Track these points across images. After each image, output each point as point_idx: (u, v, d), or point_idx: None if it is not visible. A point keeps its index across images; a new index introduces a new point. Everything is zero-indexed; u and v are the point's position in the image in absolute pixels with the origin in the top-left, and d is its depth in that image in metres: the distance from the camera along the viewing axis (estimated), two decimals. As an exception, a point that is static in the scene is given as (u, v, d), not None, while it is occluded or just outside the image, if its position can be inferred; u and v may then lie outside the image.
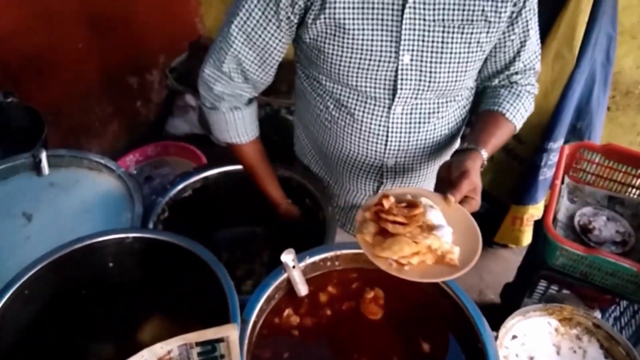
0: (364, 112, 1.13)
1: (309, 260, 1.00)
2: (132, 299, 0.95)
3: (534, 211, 2.17)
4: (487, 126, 1.12)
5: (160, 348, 0.62)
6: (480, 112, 1.19)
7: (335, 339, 0.92)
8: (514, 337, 0.93)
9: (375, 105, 1.11)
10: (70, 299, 0.91)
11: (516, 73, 1.17)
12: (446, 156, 1.27)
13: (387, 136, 1.14)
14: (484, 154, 1.04)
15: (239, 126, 1.18)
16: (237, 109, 1.16)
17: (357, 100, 1.12)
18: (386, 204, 0.90)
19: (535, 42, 1.14)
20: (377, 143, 1.16)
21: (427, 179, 1.28)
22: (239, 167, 1.28)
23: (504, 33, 1.08)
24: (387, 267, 0.85)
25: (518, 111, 1.16)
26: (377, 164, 1.20)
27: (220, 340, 0.66)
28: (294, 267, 0.95)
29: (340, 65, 1.06)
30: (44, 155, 1.20)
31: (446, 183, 0.98)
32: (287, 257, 0.94)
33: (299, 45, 1.13)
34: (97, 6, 2.33)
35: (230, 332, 0.66)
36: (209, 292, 0.87)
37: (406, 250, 0.84)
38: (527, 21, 1.07)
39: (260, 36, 1.05)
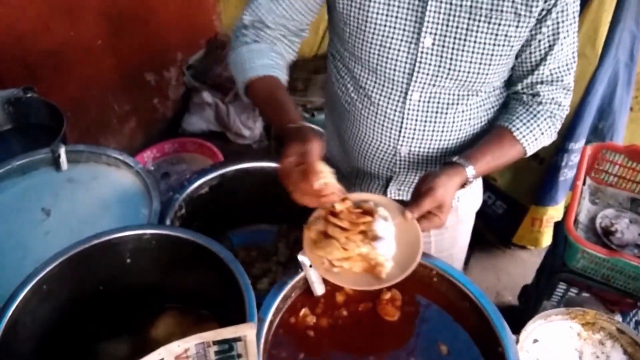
0: (380, 95, 1.12)
1: (326, 260, 0.99)
2: (148, 296, 0.95)
3: (554, 212, 2.14)
4: (488, 143, 1.08)
5: (177, 346, 0.62)
6: (492, 126, 1.15)
7: (351, 340, 0.91)
8: (535, 340, 0.91)
9: (392, 89, 1.09)
10: (87, 295, 0.91)
11: (541, 82, 1.10)
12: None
13: (402, 123, 1.12)
14: (470, 171, 1.01)
15: (255, 57, 1.10)
16: (257, 42, 1.12)
17: (375, 82, 1.11)
18: (338, 207, 0.93)
19: (567, 53, 1.06)
20: (391, 129, 1.14)
21: None
22: (256, 164, 1.28)
23: (531, 31, 1.02)
24: (317, 265, 0.91)
25: (531, 132, 1.09)
26: (391, 151, 1.18)
27: (238, 339, 0.65)
28: (310, 266, 0.94)
29: (363, 40, 1.05)
30: (62, 151, 1.21)
31: (414, 195, 0.98)
32: (304, 256, 0.94)
33: (330, 15, 1.13)
34: (115, 3, 2.35)
35: (247, 332, 0.66)
36: (225, 289, 0.86)
37: (335, 254, 0.89)
38: (557, 23, 1.01)
39: None
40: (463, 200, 1.33)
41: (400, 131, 1.14)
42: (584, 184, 1.69)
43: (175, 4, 2.71)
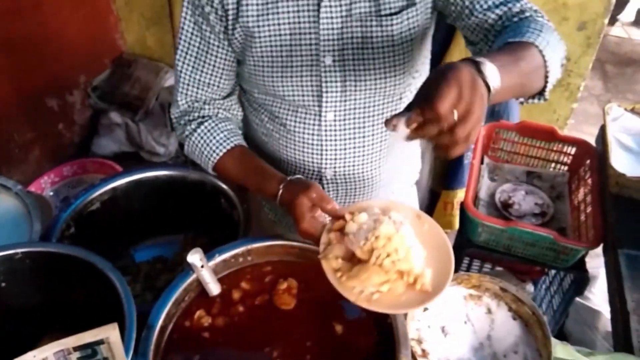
0: (295, 122, 1.09)
1: (220, 258, 0.98)
2: (28, 319, 0.89)
3: (463, 194, 2.23)
4: (496, 51, 0.84)
5: (33, 357, 0.58)
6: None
7: (247, 335, 0.90)
8: (425, 309, 0.94)
9: (305, 114, 1.07)
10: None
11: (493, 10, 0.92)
12: (399, 165, 1.21)
13: (321, 146, 1.10)
14: (484, 64, 0.71)
15: (207, 140, 1.09)
16: (202, 124, 1.11)
17: (288, 110, 1.08)
18: (353, 226, 0.82)
19: None
20: (312, 154, 1.12)
21: (375, 190, 1.21)
22: (149, 174, 1.24)
23: None
24: (355, 298, 0.77)
25: (528, 31, 0.84)
26: (316, 176, 1.16)
27: (100, 342, 0.62)
28: (202, 266, 0.92)
29: (263, 75, 1.03)
30: None
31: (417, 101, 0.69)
32: (194, 257, 0.92)
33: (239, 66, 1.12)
34: (9, 26, 2.24)
35: (110, 333, 0.63)
36: (108, 301, 0.83)
37: (375, 280, 0.77)
38: None
39: (206, 60, 1.06)
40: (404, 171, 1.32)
41: (321, 154, 1.11)
42: (482, 163, 1.78)
43: (74, 24, 2.61)
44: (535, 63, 0.82)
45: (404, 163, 1.31)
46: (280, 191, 0.95)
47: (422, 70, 1.13)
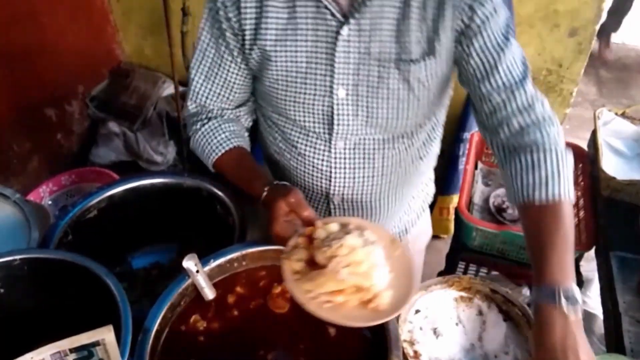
0: (306, 145, 1.09)
1: (215, 263, 0.99)
2: (26, 324, 0.91)
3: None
4: (536, 237, 0.86)
5: (30, 359, 0.59)
6: (517, 209, 0.96)
7: (242, 339, 0.91)
8: (417, 311, 0.95)
9: (316, 139, 1.07)
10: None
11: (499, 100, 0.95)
12: (407, 194, 1.20)
13: (330, 172, 1.10)
14: (562, 292, 0.77)
15: (209, 139, 1.11)
16: (206, 124, 1.13)
17: (299, 133, 1.09)
18: (321, 233, 0.84)
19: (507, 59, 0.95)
20: (321, 178, 1.12)
21: (383, 218, 1.20)
22: (145, 182, 1.26)
23: (462, 57, 0.96)
24: (305, 301, 0.78)
25: (560, 183, 0.87)
26: (324, 199, 1.16)
27: (96, 344, 0.64)
28: (197, 271, 0.94)
29: (277, 97, 1.04)
30: None
31: None
32: (189, 262, 0.93)
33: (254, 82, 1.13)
34: (6, 37, 2.26)
35: (106, 335, 0.64)
36: (104, 306, 0.84)
37: (329, 286, 0.78)
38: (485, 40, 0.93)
39: (218, 73, 1.07)
40: (413, 233, 1.32)
41: (330, 180, 1.11)
42: (476, 168, 1.80)
43: (72, 35, 2.63)
44: (568, 219, 0.86)
45: (418, 190, 1.30)
46: (264, 193, 0.98)
47: (438, 114, 1.13)
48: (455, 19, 0.92)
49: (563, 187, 0.87)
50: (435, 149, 1.22)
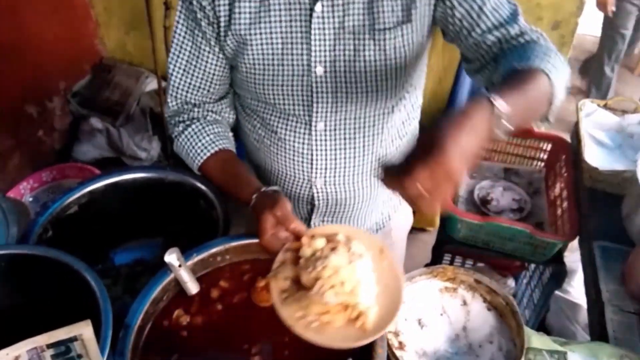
0: (286, 130, 1.09)
1: (197, 258, 0.98)
2: (5, 320, 0.89)
3: (445, 193, 2.26)
4: (504, 82, 0.81)
5: (6, 355, 0.58)
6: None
7: (226, 333, 0.90)
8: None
9: (296, 122, 1.07)
10: None
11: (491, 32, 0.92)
12: None
13: (311, 155, 1.10)
14: (499, 102, 0.70)
15: (193, 142, 1.10)
16: (189, 126, 1.12)
17: (279, 117, 1.08)
18: (307, 251, 0.83)
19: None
20: (302, 162, 1.11)
21: (365, 201, 1.20)
22: (127, 176, 1.24)
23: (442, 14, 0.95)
24: (292, 322, 0.78)
25: (546, 61, 0.83)
26: (306, 184, 1.15)
27: (74, 339, 0.62)
28: (179, 266, 0.93)
29: (255, 82, 1.03)
30: None
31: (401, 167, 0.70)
32: (171, 256, 0.92)
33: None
34: (-16, 33, 2.22)
35: (83, 330, 0.63)
36: (84, 301, 0.83)
37: (314, 309, 0.78)
38: None
39: (197, 65, 1.06)
40: (395, 220, 1.32)
41: (311, 163, 1.11)
42: (461, 160, 1.81)
43: (52, 30, 2.59)
44: (543, 90, 0.81)
45: None
46: (252, 202, 0.97)
47: (416, 84, 1.13)
48: None
49: (555, 76, 0.82)
50: (414, 129, 1.22)
